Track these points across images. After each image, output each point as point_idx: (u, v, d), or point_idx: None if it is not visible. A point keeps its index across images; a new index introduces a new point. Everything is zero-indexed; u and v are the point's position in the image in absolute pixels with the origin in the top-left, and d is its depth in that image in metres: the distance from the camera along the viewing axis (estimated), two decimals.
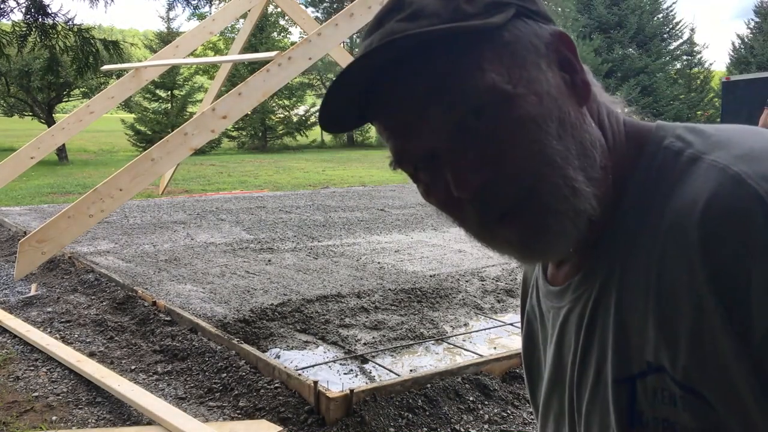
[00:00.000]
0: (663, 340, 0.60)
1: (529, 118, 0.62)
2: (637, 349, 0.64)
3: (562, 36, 0.67)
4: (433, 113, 0.63)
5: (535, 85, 0.63)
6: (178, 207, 10.32)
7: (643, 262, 0.63)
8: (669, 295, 0.60)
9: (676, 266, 0.59)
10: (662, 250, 0.61)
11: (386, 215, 9.39)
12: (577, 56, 0.68)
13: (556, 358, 0.78)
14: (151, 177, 5.96)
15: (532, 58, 0.64)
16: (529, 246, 0.66)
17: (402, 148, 0.67)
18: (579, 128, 0.65)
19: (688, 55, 32.43)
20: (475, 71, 0.62)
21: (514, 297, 5.22)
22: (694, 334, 0.58)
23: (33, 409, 3.39)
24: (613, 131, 0.70)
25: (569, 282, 0.73)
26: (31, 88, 21.76)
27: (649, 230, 0.63)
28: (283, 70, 6.18)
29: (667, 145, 0.66)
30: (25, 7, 4.29)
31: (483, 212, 0.65)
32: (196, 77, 29.16)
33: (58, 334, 4.49)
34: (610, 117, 0.71)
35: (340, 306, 4.85)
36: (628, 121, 0.73)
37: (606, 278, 0.67)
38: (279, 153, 26.58)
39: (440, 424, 3.13)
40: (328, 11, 33.21)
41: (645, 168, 0.66)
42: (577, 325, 0.72)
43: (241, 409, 3.30)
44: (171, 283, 5.58)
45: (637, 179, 0.66)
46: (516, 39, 0.64)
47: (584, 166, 0.64)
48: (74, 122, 8.44)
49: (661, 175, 0.64)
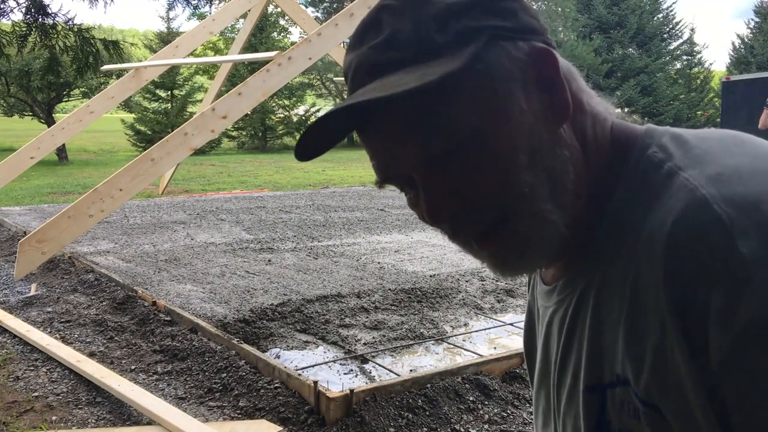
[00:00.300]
0: (629, 355, 0.62)
1: (499, 152, 0.63)
2: (608, 359, 0.65)
3: (540, 54, 0.66)
4: (408, 145, 0.65)
5: (507, 118, 0.63)
6: (178, 207, 10.32)
7: (620, 276, 0.64)
8: (639, 313, 0.61)
9: (647, 285, 0.60)
10: (637, 266, 0.62)
11: (386, 215, 9.39)
12: (558, 73, 0.67)
13: (543, 356, 0.81)
14: (151, 177, 5.96)
15: (505, 87, 0.64)
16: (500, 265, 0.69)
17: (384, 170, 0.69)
18: (551, 154, 0.65)
19: (688, 55, 32.44)
20: (447, 110, 0.63)
21: (514, 297, 5.22)
22: (657, 353, 0.59)
23: (33, 409, 3.39)
24: (597, 142, 0.70)
25: (555, 284, 0.75)
26: (31, 88, 21.76)
27: (628, 245, 0.63)
28: (283, 70, 6.18)
29: (650, 155, 0.66)
30: (25, 7, 4.28)
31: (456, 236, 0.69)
32: (196, 77, 29.16)
33: (58, 334, 4.49)
34: (596, 126, 0.71)
35: (340, 306, 4.85)
36: (618, 126, 0.72)
37: (586, 286, 0.69)
38: (279, 153, 26.57)
39: (440, 424, 3.13)
40: (328, 11, 33.19)
41: (628, 179, 0.67)
42: (559, 328, 0.74)
43: (241, 409, 3.30)
44: (171, 283, 5.58)
45: (620, 190, 0.67)
46: (488, 69, 0.63)
47: (554, 194, 0.65)
48: (74, 122, 8.44)
49: (641, 188, 0.65)
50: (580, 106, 0.69)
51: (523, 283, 5.56)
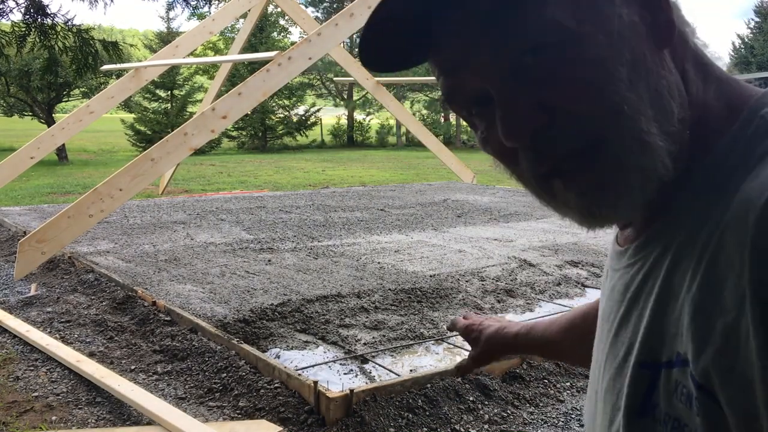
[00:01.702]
0: (695, 332, 0.54)
1: (595, 60, 0.55)
2: (670, 336, 0.57)
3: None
4: (486, 50, 0.57)
5: (605, 24, 0.56)
6: (178, 207, 10.32)
7: (702, 243, 0.55)
8: (715, 286, 0.53)
9: (730, 256, 0.52)
10: (721, 234, 0.54)
11: (386, 215, 9.39)
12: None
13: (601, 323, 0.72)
14: (151, 177, 5.96)
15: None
16: (590, 208, 0.59)
17: (453, 87, 0.61)
18: (655, 74, 0.57)
19: None
20: (534, 4, 0.55)
21: (514, 297, 5.22)
22: (728, 334, 0.51)
23: (33, 409, 3.38)
24: (696, 84, 0.62)
25: (627, 246, 0.67)
26: (31, 88, 21.77)
27: (719, 209, 0.55)
28: (283, 70, 6.18)
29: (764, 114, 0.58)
30: (24, 8, 4.29)
31: (536, 162, 0.58)
32: (196, 77, 29.17)
33: (58, 334, 4.49)
34: (697, 65, 0.63)
35: (340, 306, 4.85)
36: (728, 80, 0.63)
37: (662, 252, 0.61)
38: (279, 153, 26.59)
39: (440, 424, 3.13)
40: (328, 11, 33.20)
41: (733, 136, 0.58)
42: (621, 295, 0.66)
43: (241, 409, 3.30)
44: (171, 283, 5.58)
45: (722, 147, 0.58)
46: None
47: (658, 117, 0.57)
48: (74, 122, 8.44)
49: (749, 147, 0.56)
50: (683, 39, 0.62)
51: (523, 282, 5.56)
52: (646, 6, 0.59)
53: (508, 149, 0.59)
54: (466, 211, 9.58)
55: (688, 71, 0.61)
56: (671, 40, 0.59)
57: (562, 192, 0.59)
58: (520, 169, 0.60)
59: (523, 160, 0.59)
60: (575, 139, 0.56)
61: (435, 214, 9.37)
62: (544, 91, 0.56)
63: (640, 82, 0.56)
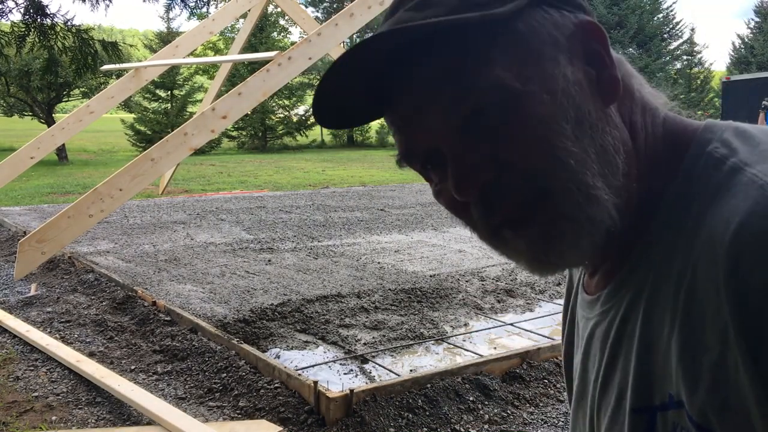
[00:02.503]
0: (684, 373, 0.54)
1: (539, 118, 0.56)
2: (660, 378, 0.58)
3: (588, 26, 0.61)
4: (435, 110, 0.59)
5: (549, 83, 0.57)
6: (178, 207, 10.32)
7: (674, 283, 0.56)
8: (695, 324, 0.53)
9: (705, 293, 0.52)
10: (693, 272, 0.54)
11: (386, 215, 9.39)
12: (607, 48, 0.61)
13: (582, 372, 0.73)
14: (151, 177, 5.96)
15: (549, 51, 0.58)
16: (538, 257, 0.60)
17: (407, 143, 0.63)
18: (600, 130, 0.59)
19: (688, 55, 32.46)
20: (480, 66, 0.56)
21: (514, 297, 5.22)
22: (716, 371, 0.51)
23: (33, 409, 3.38)
24: (647, 132, 0.63)
25: (598, 294, 0.68)
26: (31, 88, 21.76)
27: (683, 249, 0.56)
28: (283, 70, 6.18)
29: (711, 151, 0.59)
30: (23, 8, 4.28)
31: (487, 215, 0.60)
32: (196, 77, 29.16)
33: (58, 334, 4.49)
34: (646, 115, 0.64)
35: (340, 306, 4.85)
36: (671, 119, 0.65)
37: (634, 296, 0.62)
38: (279, 153, 26.58)
39: (440, 424, 3.13)
40: (328, 11, 33.20)
41: (684, 176, 0.60)
42: (602, 343, 0.67)
43: (241, 409, 3.30)
44: (171, 283, 5.58)
45: (675, 189, 0.60)
46: (531, 30, 0.58)
47: (604, 172, 0.58)
48: (74, 122, 8.44)
49: (699, 186, 0.58)
50: (629, 92, 0.63)
51: (523, 282, 5.55)
52: (590, 63, 0.60)
53: (460, 202, 0.60)
54: None
55: (636, 122, 0.63)
56: (616, 95, 0.61)
57: (512, 241, 0.60)
58: (473, 220, 0.62)
59: (474, 213, 0.61)
60: (523, 191, 0.57)
61: (435, 214, 9.37)
62: (492, 148, 0.57)
63: (584, 138, 0.57)
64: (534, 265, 0.61)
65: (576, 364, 0.76)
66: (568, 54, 0.59)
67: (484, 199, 0.59)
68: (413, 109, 0.60)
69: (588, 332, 0.70)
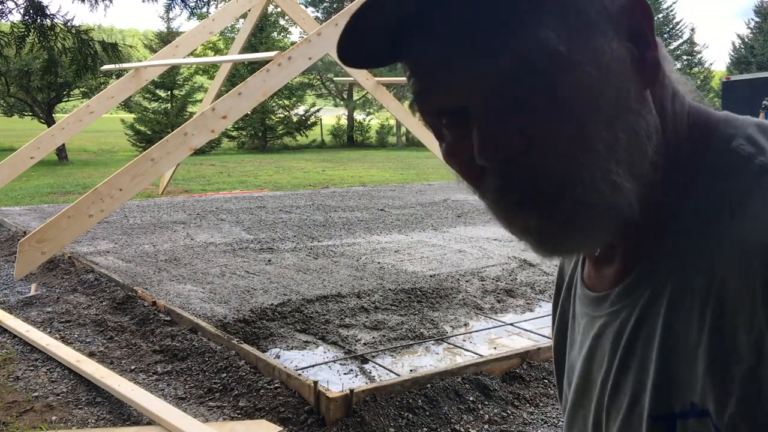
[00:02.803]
0: (712, 382, 0.52)
1: (581, 91, 0.53)
2: (681, 385, 0.55)
3: (639, 2, 0.57)
4: (470, 63, 0.54)
5: (597, 55, 0.54)
6: (178, 207, 10.32)
7: (700, 287, 0.54)
8: (726, 333, 0.51)
9: (737, 302, 0.50)
10: (723, 277, 0.52)
11: (386, 215, 9.39)
12: (652, 29, 0.58)
13: (585, 372, 0.70)
14: (151, 177, 5.96)
15: (600, 21, 0.55)
16: (549, 238, 0.57)
17: (427, 94, 0.58)
18: (636, 113, 0.56)
19: (688, 54, 32.47)
20: (531, 23, 0.52)
21: (514, 297, 5.22)
22: (750, 381, 0.49)
23: (33, 409, 3.38)
24: (674, 120, 0.61)
25: (608, 292, 0.64)
26: (31, 88, 21.76)
27: (711, 249, 0.54)
28: (283, 70, 6.18)
29: (736, 147, 0.57)
30: (23, 8, 4.28)
31: (504, 188, 0.56)
32: (196, 77, 29.16)
33: (58, 334, 4.49)
34: (675, 102, 0.61)
35: (340, 306, 4.85)
36: (695, 108, 0.62)
37: (653, 297, 0.59)
38: (279, 153, 26.58)
39: (440, 424, 3.13)
40: (328, 11, 33.20)
41: (709, 172, 0.57)
42: (613, 344, 0.64)
43: (241, 409, 3.30)
44: (171, 283, 5.58)
45: (701, 184, 0.57)
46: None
47: (631, 159, 0.55)
48: (74, 122, 8.44)
49: (728, 184, 0.55)
50: (663, 75, 0.60)
51: (523, 282, 5.55)
52: (634, 41, 0.57)
53: (474, 166, 0.57)
54: (466, 211, 9.58)
55: (667, 107, 0.60)
56: (656, 79, 0.58)
57: (522, 218, 0.57)
58: (484, 187, 0.59)
59: (490, 180, 0.57)
60: (546, 172, 0.55)
61: (435, 214, 9.37)
62: (527, 118, 0.54)
63: (619, 121, 0.55)
64: (542, 246, 0.59)
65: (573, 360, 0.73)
66: (615, 28, 0.56)
67: (504, 171, 0.56)
68: (448, 58, 0.55)
69: (595, 331, 0.67)
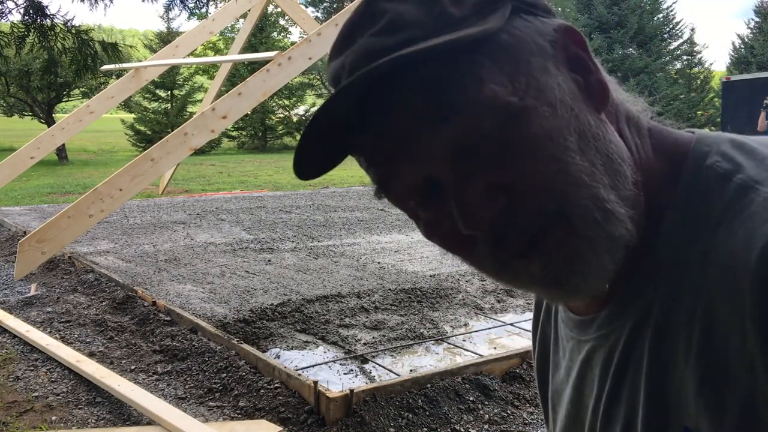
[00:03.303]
0: (706, 406, 0.51)
1: (543, 133, 0.52)
2: (673, 409, 0.54)
3: (568, 31, 0.57)
4: (427, 136, 0.53)
5: (546, 94, 0.53)
6: (178, 207, 10.32)
7: (687, 310, 0.53)
8: (715, 356, 0.50)
9: (726, 322, 0.50)
10: (709, 299, 0.51)
11: (386, 215, 9.39)
12: (588, 52, 0.58)
13: (575, 397, 0.68)
14: (151, 177, 5.96)
15: (539, 61, 0.54)
16: (558, 282, 0.55)
17: (387, 177, 0.57)
18: (602, 139, 0.55)
19: (688, 55, 32.46)
20: (473, 84, 0.52)
21: (514, 297, 5.22)
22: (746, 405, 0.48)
23: (33, 409, 3.38)
24: (635, 142, 0.59)
25: (594, 315, 0.63)
26: (31, 88, 21.77)
27: (694, 271, 0.53)
28: (283, 70, 6.18)
29: (711, 164, 0.56)
30: (23, 8, 4.28)
31: (499, 249, 0.55)
32: (196, 77, 29.16)
33: (58, 334, 4.49)
34: (630, 123, 0.60)
35: (340, 306, 4.85)
36: (656, 129, 0.62)
37: (640, 321, 0.58)
38: (279, 153, 26.57)
39: (440, 424, 3.13)
40: (328, 11, 33.20)
41: (686, 191, 0.56)
42: (603, 369, 0.62)
43: (241, 409, 3.30)
44: (171, 283, 5.58)
45: (678, 205, 0.56)
46: (516, 41, 0.54)
47: (615, 183, 0.54)
48: (74, 122, 8.44)
49: (706, 203, 0.54)
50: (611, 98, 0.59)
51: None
52: (575, 70, 0.57)
53: (459, 236, 0.56)
54: None
55: (623, 130, 0.59)
56: (607, 101, 0.58)
57: (525, 270, 0.55)
58: (478, 254, 0.57)
59: (483, 247, 0.56)
60: (537, 217, 0.53)
61: None
62: (497, 174, 0.53)
63: (590, 150, 0.54)
64: (551, 290, 0.57)
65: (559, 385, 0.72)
66: (554, 62, 0.55)
67: (495, 231, 0.54)
68: (399, 135, 0.54)
69: (583, 356, 0.66)
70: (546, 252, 0.54)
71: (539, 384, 0.80)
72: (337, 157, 0.60)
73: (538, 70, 0.54)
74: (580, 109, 0.55)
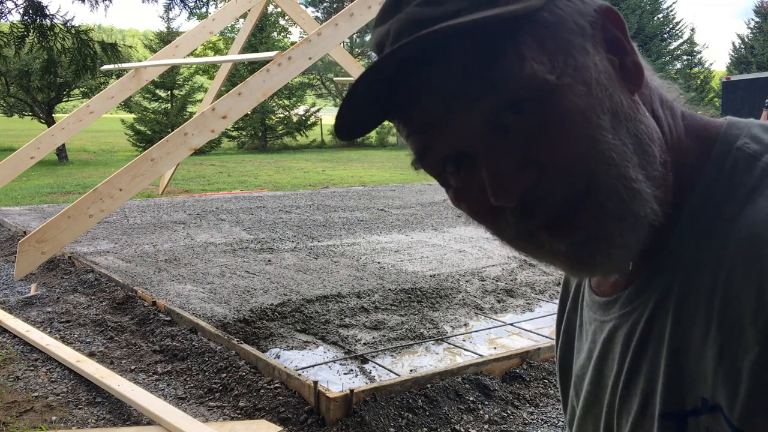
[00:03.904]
0: (723, 376, 0.52)
1: (577, 110, 0.53)
2: (692, 382, 0.55)
3: (608, 12, 0.59)
4: (465, 108, 0.55)
5: (582, 73, 0.55)
6: (178, 207, 10.32)
7: (707, 283, 0.54)
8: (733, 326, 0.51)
9: (745, 291, 0.50)
10: (730, 269, 0.52)
11: (386, 215, 9.39)
12: (626, 34, 0.59)
13: (596, 377, 0.69)
14: (151, 177, 5.96)
15: (578, 41, 0.56)
16: (582, 258, 0.56)
17: (427, 146, 0.59)
18: (633, 119, 0.56)
19: (688, 55, 32.48)
20: (512, 60, 0.53)
21: (514, 297, 5.22)
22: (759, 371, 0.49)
23: (33, 409, 3.38)
24: (668, 124, 0.61)
25: (617, 295, 0.65)
26: (31, 88, 21.75)
27: (717, 245, 0.54)
28: (283, 70, 6.18)
29: (741, 146, 0.58)
30: (23, 8, 4.28)
31: (526, 221, 0.56)
32: (196, 77, 29.15)
33: (58, 334, 4.49)
34: (664, 106, 0.62)
35: (340, 306, 4.85)
36: (689, 114, 0.64)
37: (662, 297, 0.59)
38: (279, 153, 26.58)
39: (440, 424, 3.13)
40: (328, 11, 33.20)
41: (714, 170, 0.58)
42: (624, 346, 0.64)
43: (241, 409, 3.30)
44: (171, 283, 5.58)
45: (705, 183, 0.58)
46: (558, 20, 0.55)
47: (643, 163, 0.56)
48: (74, 122, 8.44)
49: (733, 181, 0.56)
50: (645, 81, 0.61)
51: (523, 282, 5.55)
52: (612, 51, 0.58)
53: (486, 205, 0.57)
54: None
55: (657, 110, 0.61)
56: (641, 83, 0.59)
57: (549, 243, 0.57)
58: (502, 223, 0.58)
59: (510, 218, 0.57)
60: (566, 193, 0.54)
61: (435, 214, 9.37)
62: (530, 147, 0.54)
63: (621, 129, 0.55)
64: (576, 267, 0.58)
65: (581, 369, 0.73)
66: (593, 42, 0.57)
67: (523, 204, 0.55)
68: (438, 105, 0.56)
69: (605, 336, 0.67)
70: (573, 229, 0.55)
71: (560, 375, 0.81)
72: (376, 120, 0.61)
73: (576, 49, 0.55)
74: (614, 89, 0.56)
